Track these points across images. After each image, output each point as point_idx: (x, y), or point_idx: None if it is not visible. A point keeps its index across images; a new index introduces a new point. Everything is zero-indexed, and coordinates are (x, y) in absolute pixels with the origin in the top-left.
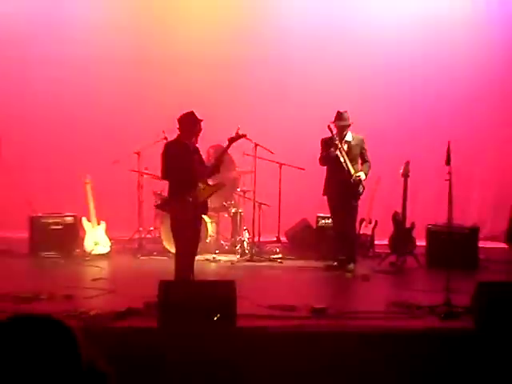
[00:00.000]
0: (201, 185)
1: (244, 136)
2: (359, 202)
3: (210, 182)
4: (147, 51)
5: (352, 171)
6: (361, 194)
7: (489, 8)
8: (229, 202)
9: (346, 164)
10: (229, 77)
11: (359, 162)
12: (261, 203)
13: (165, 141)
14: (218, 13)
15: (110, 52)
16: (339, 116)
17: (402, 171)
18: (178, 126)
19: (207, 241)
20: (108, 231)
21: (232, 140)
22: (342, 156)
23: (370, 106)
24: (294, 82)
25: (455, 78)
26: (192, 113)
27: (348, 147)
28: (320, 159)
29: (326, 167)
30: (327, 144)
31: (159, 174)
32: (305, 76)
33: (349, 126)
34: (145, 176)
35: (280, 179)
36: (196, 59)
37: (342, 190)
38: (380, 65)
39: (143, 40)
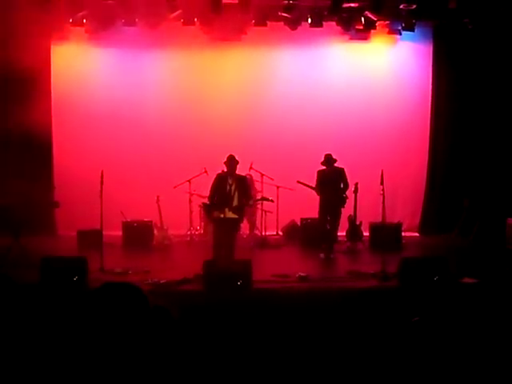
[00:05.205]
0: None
1: (271, 201)
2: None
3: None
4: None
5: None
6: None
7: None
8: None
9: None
10: (245, 126)
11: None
12: (267, 211)
13: (205, 174)
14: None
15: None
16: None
17: (353, 189)
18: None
19: None
20: (170, 230)
21: (262, 199)
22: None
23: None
24: (291, 128)
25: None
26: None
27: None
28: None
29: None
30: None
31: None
32: (299, 125)
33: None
34: (194, 195)
35: (277, 196)
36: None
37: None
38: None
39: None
